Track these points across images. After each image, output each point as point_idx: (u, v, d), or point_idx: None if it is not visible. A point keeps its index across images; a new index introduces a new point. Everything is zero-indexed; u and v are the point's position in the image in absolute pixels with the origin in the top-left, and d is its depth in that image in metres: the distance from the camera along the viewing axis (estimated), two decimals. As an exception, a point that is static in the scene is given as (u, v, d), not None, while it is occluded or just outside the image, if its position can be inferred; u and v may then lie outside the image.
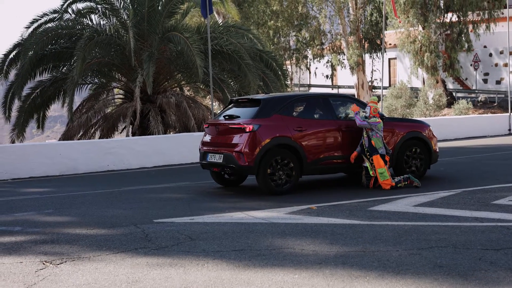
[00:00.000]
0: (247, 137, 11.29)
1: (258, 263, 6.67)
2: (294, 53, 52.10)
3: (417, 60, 41.74)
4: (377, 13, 46.63)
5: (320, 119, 12.10)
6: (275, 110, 11.68)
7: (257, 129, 11.30)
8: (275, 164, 11.41)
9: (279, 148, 11.47)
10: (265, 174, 11.34)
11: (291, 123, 11.64)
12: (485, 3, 42.04)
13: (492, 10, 42.40)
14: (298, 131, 11.60)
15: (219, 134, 11.99)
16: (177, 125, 22.75)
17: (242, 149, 11.24)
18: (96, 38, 21.12)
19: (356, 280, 5.99)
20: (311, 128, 11.76)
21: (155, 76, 21.50)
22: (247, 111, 11.94)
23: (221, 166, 11.81)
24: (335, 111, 12.34)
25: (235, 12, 33.31)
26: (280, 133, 11.45)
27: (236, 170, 11.62)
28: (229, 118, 12.10)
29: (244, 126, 11.39)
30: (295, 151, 11.53)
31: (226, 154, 11.54)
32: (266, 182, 11.39)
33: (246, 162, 11.21)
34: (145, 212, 10.10)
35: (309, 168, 11.75)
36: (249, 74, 21.50)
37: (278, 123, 11.53)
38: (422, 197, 10.61)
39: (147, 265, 6.76)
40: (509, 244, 7.11)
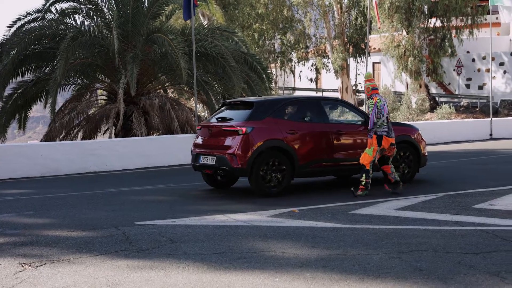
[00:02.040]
0: (240, 140, 11.36)
1: (239, 266, 6.67)
2: (278, 56, 52.14)
3: (401, 64, 41.95)
4: (362, 17, 46.78)
5: (312, 122, 12.21)
6: (268, 113, 11.79)
7: (250, 131, 11.38)
8: (267, 166, 11.49)
9: (271, 150, 11.55)
10: (258, 176, 11.42)
11: (283, 126, 11.74)
12: (469, 9, 42.34)
13: (475, 16, 42.74)
14: (291, 134, 11.70)
15: (212, 136, 12.03)
16: (160, 127, 22.69)
17: (235, 151, 11.31)
18: (80, 39, 21.01)
19: (337, 284, 6.00)
20: (303, 131, 11.85)
21: (139, 77, 21.43)
22: (240, 113, 12.02)
23: (213, 168, 11.86)
24: (326, 114, 12.46)
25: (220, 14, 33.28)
26: (272, 135, 11.54)
27: (229, 172, 11.69)
28: (222, 120, 12.16)
29: (237, 128, 11.46)
30: (287, 153, 11.62)
31: (219, 156, 11.58)
32: (259, 184, 11.47)
33: (239, 164, 11.29)
34: (126, 214, 10.06)
35: (300, 171, 11.84)
36: (234, 76, 21.49)
37: (270, 126, 11.63)
38: (403, 201, 10.65)
39: (127, 267, 6.73)
40: (488, 248, 7.16)
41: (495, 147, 22.27)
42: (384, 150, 11.47)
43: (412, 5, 41.14)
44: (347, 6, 47.47)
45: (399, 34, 42.66)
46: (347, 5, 47.47)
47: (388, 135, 11.42)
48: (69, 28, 22.22)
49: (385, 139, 11.38)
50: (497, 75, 43.84)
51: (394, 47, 42.02)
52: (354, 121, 12.86)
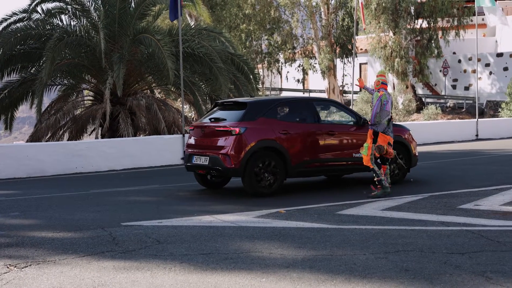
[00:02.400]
0: (233, 140, 11.39)
1: (225, 267, 6.66)
2: (266, 57, 52.17)
3: (388, 65, 42.08)
4: (349, 18, 46.90)
5: (304, 122, 12.27)
6: (261, 113, 11.82)
7: (243, 132, 11.40)
8: (260, 166, 11.53)
9: (264, 150, 11.59)
10: (251, 176, 11.45)
11: (276, 126, 11.78)
12: (455, 10, 42.54)
13: (461, 17, 42.94)
14: (283, 134, 11.75)
15: (205, 136, 12.04)
16: (147, 128, 22.63)
17: (228, 151, 11.34)
18: (66, 39, 20.93)
19: (323, 284, 6.01)
20: (295, 132, 11.90)
21: (126, 78, 21.36)
22: (233, 114, 12.04)
23: (206, 168, 11.86)
24: (319, 114, 12.54)
25: (207, 15, 33.25)
26: (265, 136, 11.58)
27: (222, 172, 11.70)
28: (215, 120, 12.18)
29: (230, 128, 11.48)
30: (280, 154, 11.67)
31: (212, 157, 11.61)
32: (252, 184, 11.51)
33: (232, 164, 11.31)
34: (113, 215, 10.02)
35: (293, 171, 11.89)
36: (221, 77, 21.48)
37: (263, 126, 11.67)
38: (390, 201, 10.68)
39: (113, 268, 6.70)
40: (474, 248, 7.19)
41: (481, 148, 22.38)
42: (383, 148, 11.25)
43: (399, 6, 41.30)
44: (334, 7, 47.58)
45: (386, 35, 42.80)
46: (334, 6, 47.58)
47: (385, 132, 11.29)
48: (55, 28, 22.13)
49: (382, 136, 11.27)
50: (483, 76, 44.08)
51: (380, 48, 42.15)
52: (345, 122, 12.93)
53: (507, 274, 6.19)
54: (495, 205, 10.14)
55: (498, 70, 43.49)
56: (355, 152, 12.36)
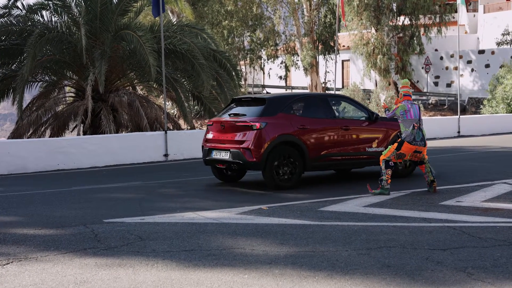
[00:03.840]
0: (254, 134, 11.74)
1: (208, 263, 6.66)
2: (248, 54, 52.13)
3: (370, 62, 42.25)
4: (331, 15, 47.00)
5: (320, 117, 12.61)
6: (280, 109, 12.21)
7: (264, 126, 11.77)
8: (280, 160, 11.88)
9: (284, 145, 11.95)
10: (271, 170, 11.81)
11: (294, 121, 12.18)
12: (437, 7, 42.81)
13: (443, 14, 43.22)
14: (301, 129, 12.11)
15: (225, 131, 12.33)
16: (129, 125, 22.53)
17: (249, 145, 11.69)
18: (47, 35, 20.77)
19: (305, 280, 6.02)
20: (313, 126, 12.28)
21: (107, 74, 21.25)
22: (252, 109, 12.38)
23: (227, 162, 12.20)
24: (333, 110, 12.97)
25: (189, 11, 33.24)
26: (285, 130, 11.95)
27: (243, 166, 12.02)
28: (234, 116, 12.48)
29: (251, 123, 11.82)
30: (299, 148, 12.04)
31: (233, 151, 11.93)
32: (272, 177, 11.85)
33: (253, 158, 11.66)
34: (95, 212, 9.98)
35: (310, 165, 12.23)
36: (203, 73, 21.42)
37: (283, 121, 12.04)
38: (372, 198, 10.72)
39: (95, 265, 6.67)
40: (456, 244, 7.24)
41: (462, 145, 22.53)
42: (404, 155, 11.20)
43: (381, 3, 41.46)
44: (316, 4, 47.64)
45: (368, 32, 42.96)
46: (316, 3, 47.64)
47: (411, 142, 11.12)
48: (36, 25, 21.96)
49: (406, 145, 11.13)
50: (465, 73, 44.36)
51: (363, 44, 42.30)
52: (358, 117, 13.30)
53: (488, 269, 6.24)
54: (477, 201, 10.21)
55: (480, 67, 43.80)
56: (368, 146, 12.88)
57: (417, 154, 11.29)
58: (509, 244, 7.22)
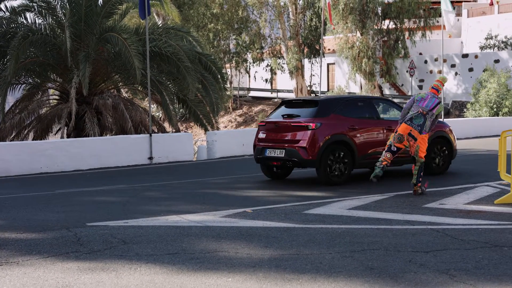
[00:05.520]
0: (310, 134, 12.50)
1: (191, 267, 6.63)
2: (234, 57, 52.13)
3: (355, 65, 42.38)
4: (317, 18, 47.12)
5: (367, 118, 13.44)
6: (332, 110, 13.04)
7: (319, 127, 12.56)
8: (332, 158, 12.65)
9: (336, 144, 12.71)
10: (325, 167, 12.56)
11: (345, 122, 12.97)
12: (421, 11, 43.03)
13: (427, 18, 43.46)
14: (351, 129, 12.91)
15: (279, 131, 13.09)
16: (113, 127, 22.45)
17: (305, 144, 12.44)
18: (31, 37, 20.66)
19: (289, 283, 6.01)
20: (361, 127, 13.07)
21: (92, 77, 21.16)
22: (304, 111, 13.19)
23: (282, 160, 12.91)
24: (377, 111, 13.78)
25: (175, 14, 33.16)
26: (337, 130, 12.74)
27: (299, 163, 12.80)
28: (288, 117, 13.19)
29: (307, 124, 12.59)
30: (349, 146, 12.83)
31: (288, 149, 12.70)
32: (326, 174, 12.62)
33: (309, 156, 12.43)
34: (78, 215, 9.92)
35: (359, 162, 13.03)
36: (188, 76, 21.39)
37: (335, 122, 12.86)
38: (356, 201, 10.74)
39: (78, 269, 6.63)
40: (438, 247, 7.26)
41: (446, 147, 22.58)
42: (402, 138, 11.34)
43: (366, 6, 41.62)
44: (302, 7, 47.76)
45: (353, 36, 43.10)
46: (302, 6, 47.77)
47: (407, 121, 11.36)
48: (20, 27, 21.85)
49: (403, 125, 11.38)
50: (449, 77, 44.57)
51: (348, 48, 42.42)
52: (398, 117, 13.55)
53: (470, 271, 6.27)
54: (459, 204, 10.26)
55: (464, 71, 44.04)
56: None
57: (412, 141, 11.32)
58: (491, 246, 7.26)
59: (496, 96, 34.70)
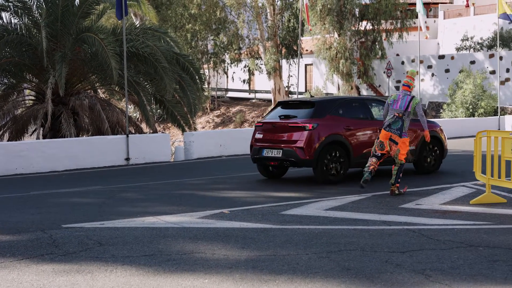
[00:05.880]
0: (307, 134, 12.77)
1: (168, 268, 6.60)
2: (211, 57, 52.10)
3: (333, 66, 42.53)
4: (295, 19, 47.21)
5: (361, 119, 13.70)
6: (328, 111, 13.30)
7: (316, 127, 12.81)
8: (329, 158, 12.91)
9: (332, 144, 12.98)
10: (322, 166, 12.83)
11: (341, 122, 13.24)
12: (398, 12, 43.33)
13: (404, 20, 43.75)
14: (347, 129, 13.19)
15: (276, 131, 13.34)
16: (90, 128, 22.28)
17: (303, 144, 12.68)
18: (6, 37, 20.46)
19: (266, 284, 6.01)
20: (356, 127, 13.33)
21: (68, 77, 21.00)
22: (301, 112, 13.46)
23: (279, 160, 13.13)
24: (372, 112, 13.99)
25: (153, 14, 33.00)
26: (333, 131, 13.01)
27: (296, 163, 13.01)
28: (285, 118, 13.41)
29: (304, 124, 12.84)
30: (345, 147, 13.11)
31: (286, 150, 12.92)
32: (323, 173, 12.89)
33: (306, 156, 12.69)
34: (53, 217, 9.83)
35: (354, 162, 13.26)
36: (166, 77, 21.30)
37: (331, 123, 13.12)
38: (333, 201, 10.76)
39: (53, 271, 6.57)
40: (415, 247, 7.30)
41: (423, 148, 22.70)
42: (383, 145, 11.49)
43: (344, 8, 41.78)
44: (279, 8, 47.82)
45: (331, 37, 43.24)
46: (279, 7, 47.82)
47: (385, 128, 11.55)
48: (-5, 26, 21.63)
49: (382, 132, 11.59)
50: (426, 78, 44.91)
51: (326, 49, 42.57)
52: None
53: (446, 271, 6.30)
54: (435, 204, 10.33)
55: (440, 72, 44.38)
56: None
57: (393, 145, 11.47)
58: (467, 246, 7.31)
59: (472, 97, 35.02)
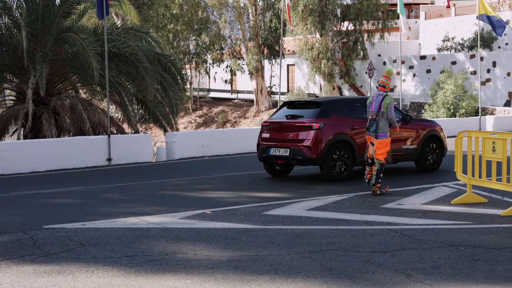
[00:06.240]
0: (314, 134, 13.10)
1: (150, 269, 6.58)
2: (193, 57, 52.01)
3: (315, 66, 42.59)
4: (276, 19, 47.26)
5: (365, 119, 13.39)
6: (333, 111, 13.70)
7: (322, 127, 13.18)
8: (335, 156, 13.29)
9: (338, 143, 13.35)
10: (329, 164, 13.21)
11: (346, 122, 13.60)
12: (380, 13, 43.49)
13: (386, 20, 43.93)
14: (352, 129, 13.52)
15: (283, 131, 13.68)
16: (71, 129, 22.16)
17: (309, 143, 13.04)
18: (-14, 37, 20.33)
19: (248, 284, 6.01)
20: (360, 127, 13.42)
21: (49, 77, 20.88)
22: (307, 112, 13.82)
23: (287, 158, 13.47)
24: None
25: (134, 14, 32.87)
26: (339, 130, 13.38)
27: (303, 161, 13.39)
28: (292, 117, 13.75)
29: (311, 124, 13.17)
30: (350, 146, 13.47)
31: (293, 148, 13.26)
32: (329, 171, 13.28)
33: (313, 154, 13.06)
34: (35, 217, 9.77)
35: (359, 160, 13.53)
36: (147, 77, 21.23)
37: (336, 122, 13.49)
38: (315, 201, 10.78)
39: (34, 272, 6.53)
40: (396, 247, 7.33)
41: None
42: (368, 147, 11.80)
43: (326, 8, 41.86)
44: (261, 8, 47.85)
45: (313, 37, 43.32)
46: (261, 7, 47.85)
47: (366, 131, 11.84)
48: (-25, 26, 21.45)
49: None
50: (407, 78, 45.13)
51: (308, 49, 42.62)
52: None
53: (427, 271, 6.34)
54: (417, 204, 10.38)
55: (421, 73, 44.62)
56: (403, 144, 14.10)
57: (371, 147, 11.62)
58: (448, 246, 7.35)
59: (453, 97, 35.24)
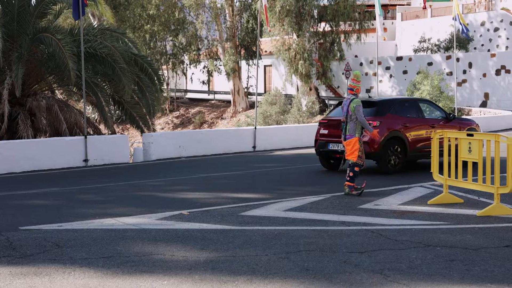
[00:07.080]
0: None
1: (127, 270, 6.57)
2: (170, 58, 51.89)
3: (292, 67, 42.69)
4: (253, 20, 47.32)
5: (415, 117, 15.44)
6: (388, 110, 15.02)
7: (379, 124, 14.37)
8: (390, 151, 14.59)
9: (393, 139, 14.66)
10: (385, 158, 14.53)
11: (399, 120, 14.95)
12: (356, 14, 43.69)
13: (362, 21, 44.16)
14: (404, 126, 14.90)
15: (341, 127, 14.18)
16: (48, 129, 21.99)
17: (368, 139, 14.02)
18: (-39, 37, 20.09)
19: (225, 285, 6.02)
20: (411, 124, 15.05)
21: (25, 78, 20.70)
22: (364, 110, 13.80)
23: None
24: (422, 111, 15.74)
25: (110, 14, 32.71)
26: (393, 127, 14.73)
27: None
28: None
29: (370, 122, 13.71)
30: (403, 141, 14.80)
31: None
32: (385, 164, 14.57)
33: (371, 149, 14.28)
34: (10, 219, 9.69)
35: (409, 155, 14.98)
36: (124, 78, 21.13)
37: (391, 120, 14.79)
38: (292, 202, 10.81)
39: (10, 274, 6.48)
40: (373, 247, 7.38)
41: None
42: None
43: (302, 9, 41.97)
44: (238, 9, 47.88)
45: (290, 38, 43.42)
46: (238, 8, 47.88)
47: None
48: (-51, 26, 21.20)
49: None
50: (384, 79, 45.41)
51: (285, 50, 42.71)
52: (437, 116, 16.06)
53: (404, 271, 6.40)
54: (394, 204, 10.46)
55: (398, 73, 44.93)
56: None
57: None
58: (424, 246, 7.42)
59: (429, 98, 35.51)
